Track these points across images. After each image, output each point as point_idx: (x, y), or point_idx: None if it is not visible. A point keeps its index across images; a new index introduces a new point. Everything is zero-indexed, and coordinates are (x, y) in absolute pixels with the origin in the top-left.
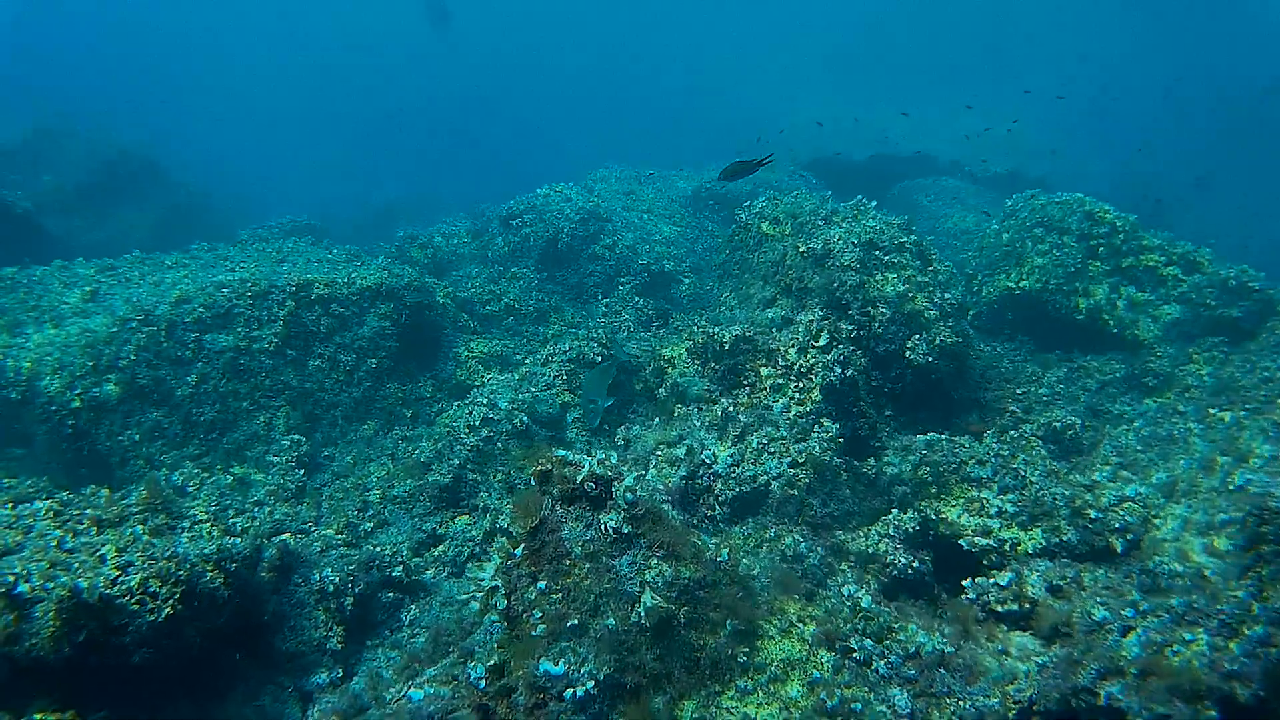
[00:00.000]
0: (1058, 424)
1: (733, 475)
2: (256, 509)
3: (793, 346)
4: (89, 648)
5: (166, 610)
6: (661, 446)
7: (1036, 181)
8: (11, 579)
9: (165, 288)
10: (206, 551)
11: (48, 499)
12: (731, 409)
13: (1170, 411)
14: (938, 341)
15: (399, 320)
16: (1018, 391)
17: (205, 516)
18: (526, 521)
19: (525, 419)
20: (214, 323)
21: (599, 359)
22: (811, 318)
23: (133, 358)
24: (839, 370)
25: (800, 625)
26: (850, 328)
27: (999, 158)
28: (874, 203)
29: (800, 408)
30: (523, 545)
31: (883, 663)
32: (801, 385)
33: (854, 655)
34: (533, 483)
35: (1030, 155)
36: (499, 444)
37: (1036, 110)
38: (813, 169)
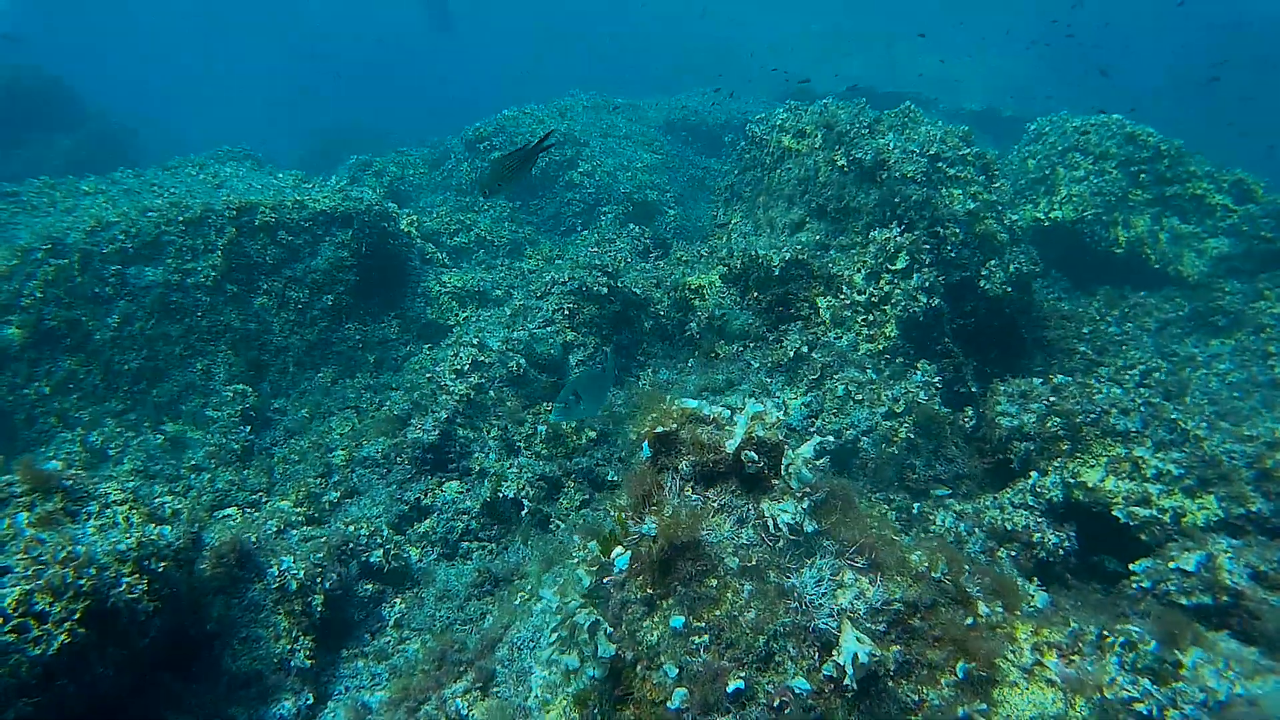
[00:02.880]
0: (1141, 366)
1: (810, 430)
2: (194, 476)
3: (860, 271)
4: None
5: (61, 638)
6: (707, 394)
7: (1011, 120)
8: None
9: (80, 214)
10: (122, 547)
11: None
12: (803, 346)
13: (1257, 354)
14: (1012, 269)
15: (358, 250)
16: (1083, 330)
17: (120, 495)
18: (640, 513)
19: (521, 361)
20: (139, 253)
21: (604, 291)
22: (888, 235)
23: (39, 295)
24: (924, 300)
25: (1042, 656)
26: (929, 247)
27: (972, 96)
28: (920, 107)
29: (870, 345)
30: (629, 551)
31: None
32: (872, 318)
33: (1136, 708)
34: (643, 451)
35: (1006, 94)
36: (491, 392)
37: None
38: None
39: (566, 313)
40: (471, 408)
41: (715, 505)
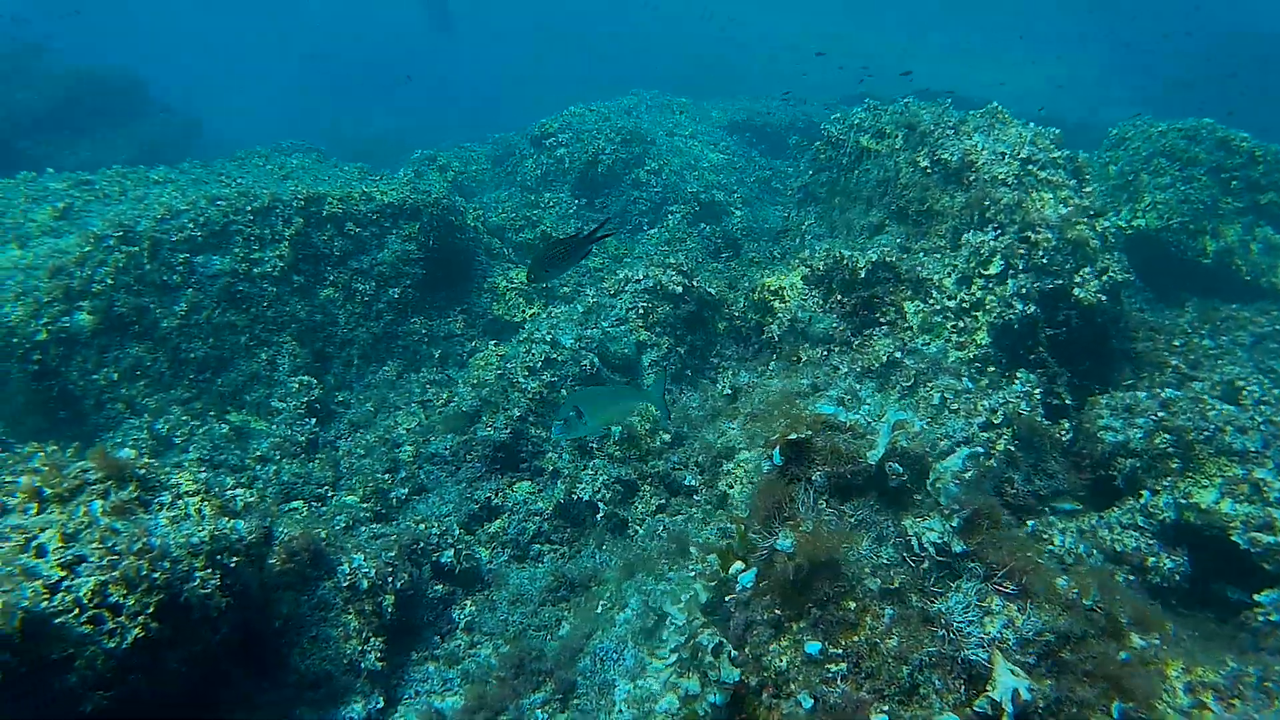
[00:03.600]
0: (1239, 383)
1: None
2: (259, 468)
3: (950, 275)
4: (9, 693)
5: (135, 632)
6: (794, 398)
7: (1076, 126)
8: None
9: (150, 203)
10: (195, 540)
11: None
12: (897, 352)
13: None
14: (1106, 277)
15: (426, 244)
16: (1174, 343)
17: (193, 487)
18: (770, 527)
19: (595, 360)
20: (207, 242)
21: (679, 290)
22: (982, 238)
23: (110, 282)
24: (1019, 306)
25: (1199, 698)
26: (1023, 253)
27: (1034, 101)
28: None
29: (961, 353)
30: (755, 566)
31: None
32: (962, 324)
33: None
34: (773, 459)
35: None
36: (563, 391)
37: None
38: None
39: (640, 311)
40: (544, 406)
41: (852, 521)
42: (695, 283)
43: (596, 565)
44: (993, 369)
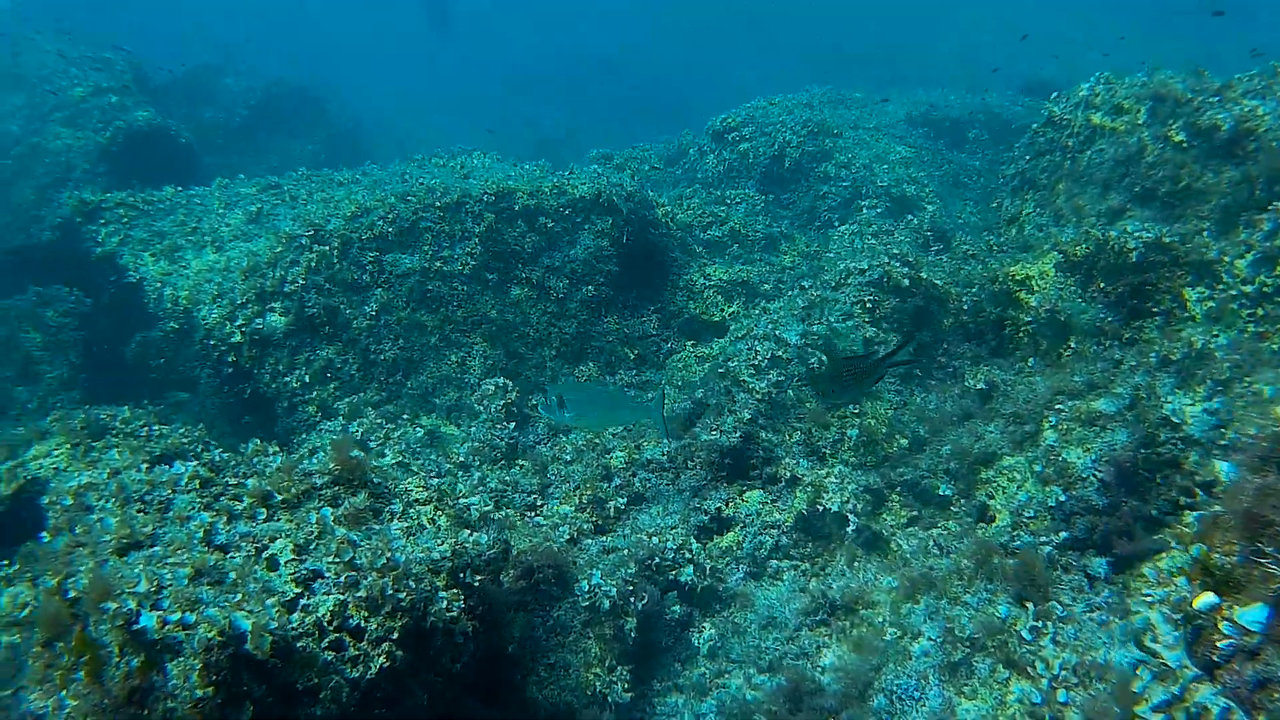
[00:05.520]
0: None
1: (1218, 443)
2: (462, 474)
3: (1247, 254)
4: None
5: (380, 660)
6: (1062, 398)
7: None
8: (133, 604)
9: (340, 201)
10: (436, 556)
11: (194, 461)
12: (1199, 340)
13: None
14: None
15: (619, 239)
16: None
17: (424, 494)
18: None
19: (823, 358)
20: (397, 239)
21: (906, 283)
22: None
23: (301, 282)
24: None
25: None
26: None
27: None
28: None
29: (1264, 345)
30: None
31: None
32: (1262, 312)
33: None
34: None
35: None
36: (790, 392)
37: None
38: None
39: (866, 305)
40: (772, 408)
41: None
42: (923, 274)
43: (861, 585)
44: None
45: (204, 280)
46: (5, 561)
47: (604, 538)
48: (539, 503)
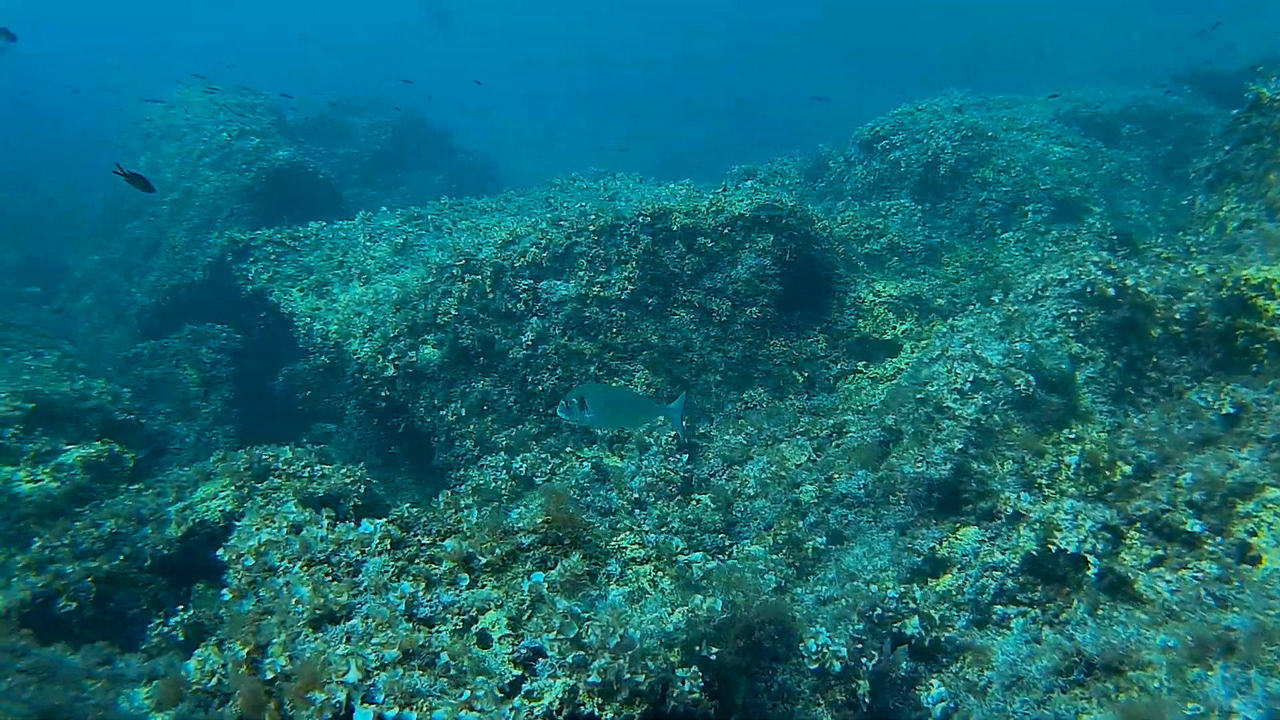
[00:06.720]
0: None
1: None
2: (638, 512)
3: None
4: None
5: None
6: None
7: None
8: (343, 695)
9: (490, 229)
10: (670, 628)
11: (384, 520)
12: None
13: None
14: None
15: (782, 258)
16: None
17: (641, 552)
18: None
19: (1031, 379)
20: (551, 266)
21: (1111, 293)
22: None
23: (454, 313)
24: None
25: None
26: None
27: None
28: None
29: None
30: None
31: None
32: None
33: None
34: None
35: None
36: (996, 417)
37: None
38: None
39: (1070, 319)
40: (981, 435)
41: None
42: (1128, 282)
43: (1126, 640)
44: None
45: (354, 314)
46: (180, 607)
47: (820, 587)
48: (727, 543)
